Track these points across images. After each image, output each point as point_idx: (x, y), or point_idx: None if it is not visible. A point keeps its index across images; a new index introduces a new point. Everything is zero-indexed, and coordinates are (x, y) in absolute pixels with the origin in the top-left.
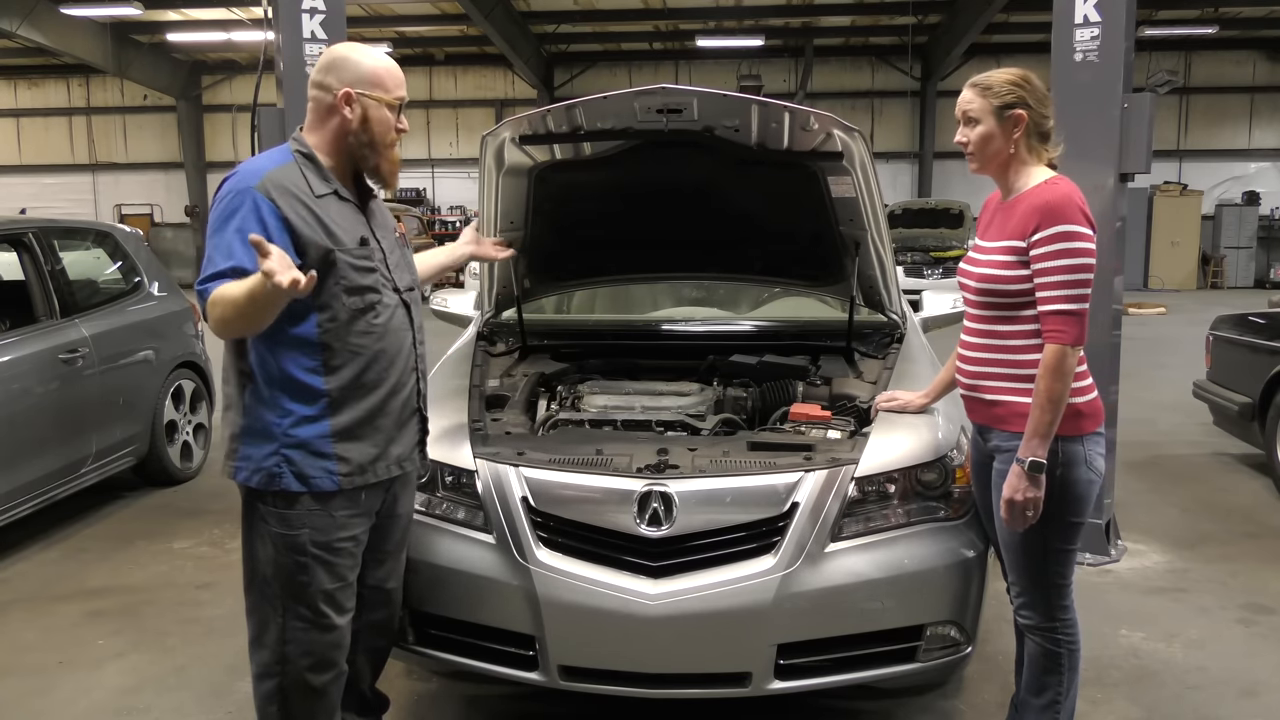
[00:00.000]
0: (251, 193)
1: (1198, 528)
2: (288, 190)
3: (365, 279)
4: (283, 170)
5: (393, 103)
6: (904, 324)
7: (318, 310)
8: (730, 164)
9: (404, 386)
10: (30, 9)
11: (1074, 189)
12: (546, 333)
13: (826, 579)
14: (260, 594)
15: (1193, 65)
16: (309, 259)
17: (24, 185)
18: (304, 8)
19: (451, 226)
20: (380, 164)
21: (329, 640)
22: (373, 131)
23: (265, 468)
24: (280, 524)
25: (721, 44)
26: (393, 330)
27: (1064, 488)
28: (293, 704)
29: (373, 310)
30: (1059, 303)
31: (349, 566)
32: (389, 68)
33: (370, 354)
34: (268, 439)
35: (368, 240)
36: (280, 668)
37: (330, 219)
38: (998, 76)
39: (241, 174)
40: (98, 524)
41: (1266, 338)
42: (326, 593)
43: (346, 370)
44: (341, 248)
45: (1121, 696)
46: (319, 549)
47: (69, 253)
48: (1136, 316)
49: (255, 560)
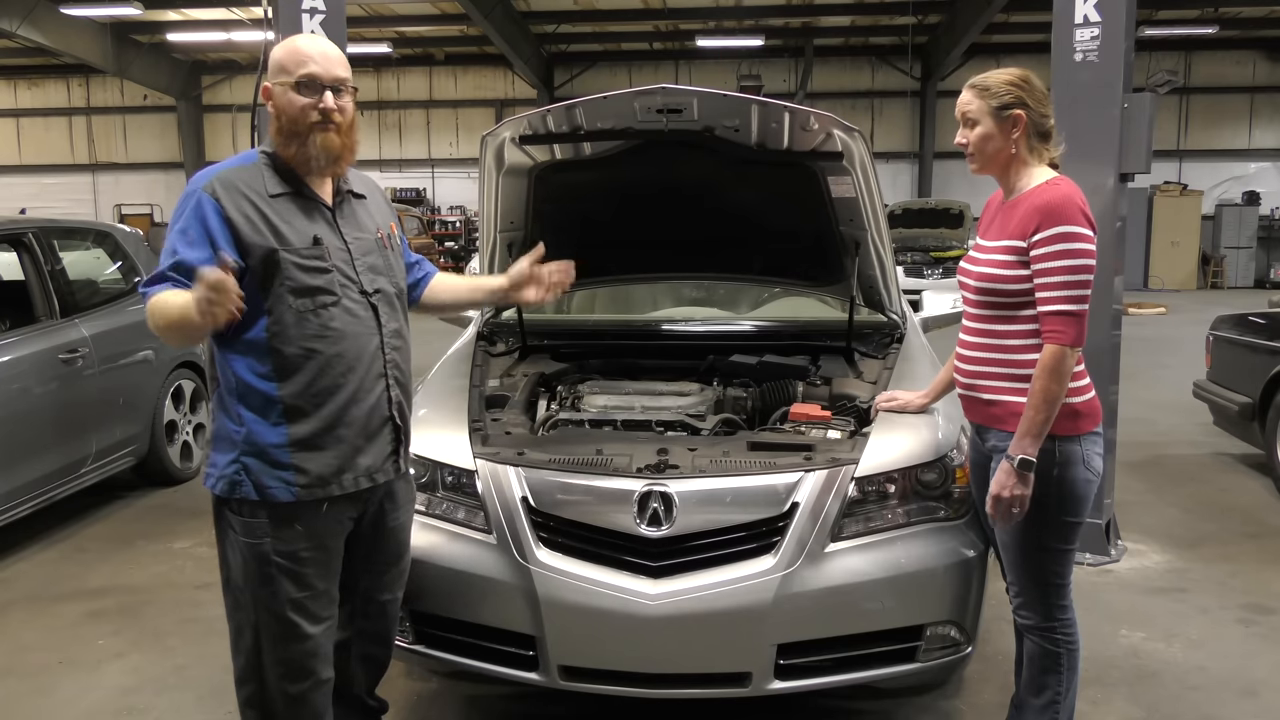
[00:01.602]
0: (198, 193)
1: (1198, 528)
2: (236, 189)
3: (315, 279)
4: (240, 170)
5: (297, 83)
6: (904, 324)
7: (265, 314)
8: (730, 164)
9: (368, 393)
10: (30, 9)
11: (1075, 189)
12: (546, 333)
13: (826, 579)
14: (234, 601)
15: (1193, 65)
16: (252, 258)
17: (24, 185)
18: (304, 8)
19: (451, 226)
20: (309, 150)
21: (303, 649)
22: (282, 119)
23: (227, 475)
24: (245, 532)
25: (721, 44)
26: (351, 334)
27: (1062, 487)
28: (272, 711)
29: (325, 312)
30: (1059, 303)
31: (318, 575)
32: (291, 47)
33: (323, 359)
34: (230, 446)
35: (320, 240)
36: (256, 674)
37: (280, 218)
38: (996, 77)
39: (198, 175)
40: (98, 524)
41: (1266, 338)
42: (295, 601)
43: (300, 376)
44: (287, 247)
45: (1121, 696)
46: (283, 559)
47: (69, 253)
48: (1136, 316)
49: (227, 568)
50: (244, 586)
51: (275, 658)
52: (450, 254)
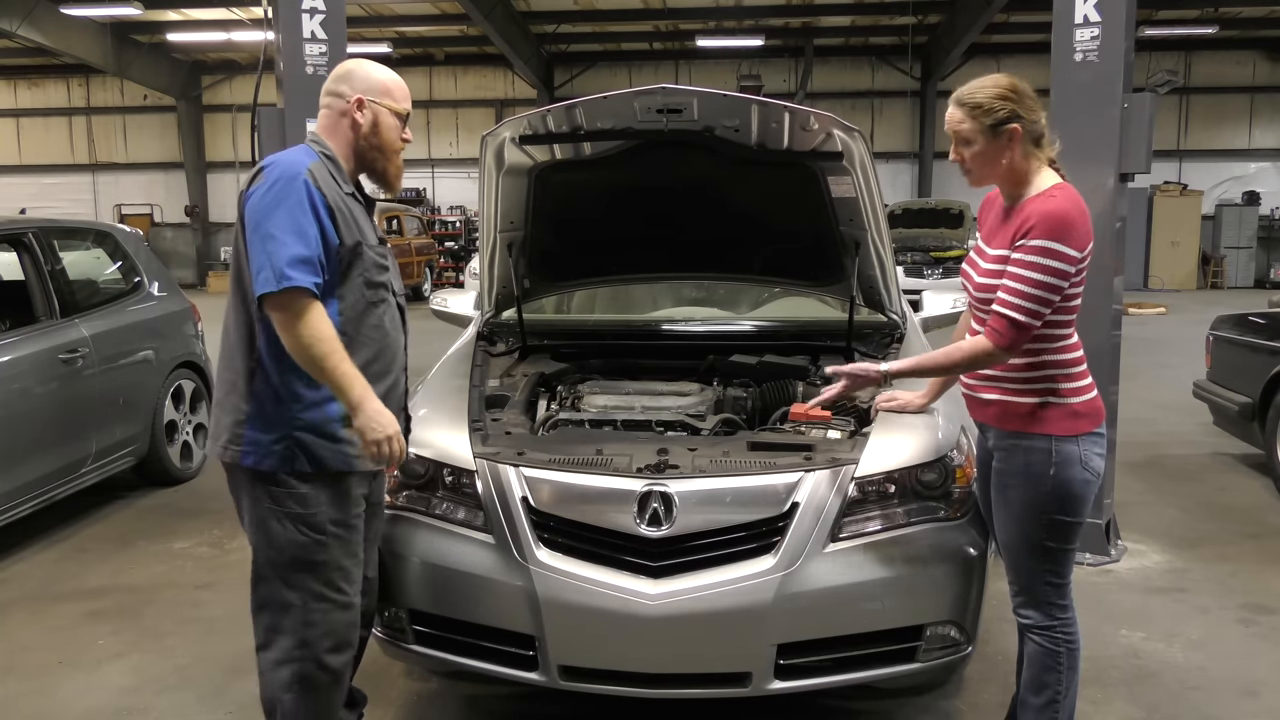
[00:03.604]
0: (303, 179)
1: (1198, 528)
2: (329, 179)
3: (381, 276)
4: (319, 165)
5: (400, 112)
6: (904, 324)
7: (338, 299)
8: (730, 164)
9: (399, 382)
10: (30, 9)
11: (1076, 202)
12: (546, 333)
13: (826, 579)
14: (278, 579)
15: (1193, 65)
16: (344, 247)
17: (24, 185)
18: (304, 8)
19: (451, 226)
20: (388, 168)
21: (348, 619)
22: (382, 136)
23: (276, 450)
24: (298, 503)
25: (721, 44)
26: (393, 330)
27: (1059, 488)
28: (311, 688)
29: (382, 306)
30: (1015, 310)
31: (359, 542)
32: (398, 82)
33: (378, 346)
34: (279, 423)
35: (385, 241)
36: (301, 652)
37: (356, 215)
38: (985, 93)
39: (285, 163)
40: (98, 524)
41: (1266, 338)
42: (343, 569)
43: (359, 357)
44: (368, 243)
45: (1121, 696)
46: (336, 526)
47: (69, 253)
48: (1136, 316)
49: (271, 544)
50: (292, 560)
51: (323, 630)
52: (450, 254)
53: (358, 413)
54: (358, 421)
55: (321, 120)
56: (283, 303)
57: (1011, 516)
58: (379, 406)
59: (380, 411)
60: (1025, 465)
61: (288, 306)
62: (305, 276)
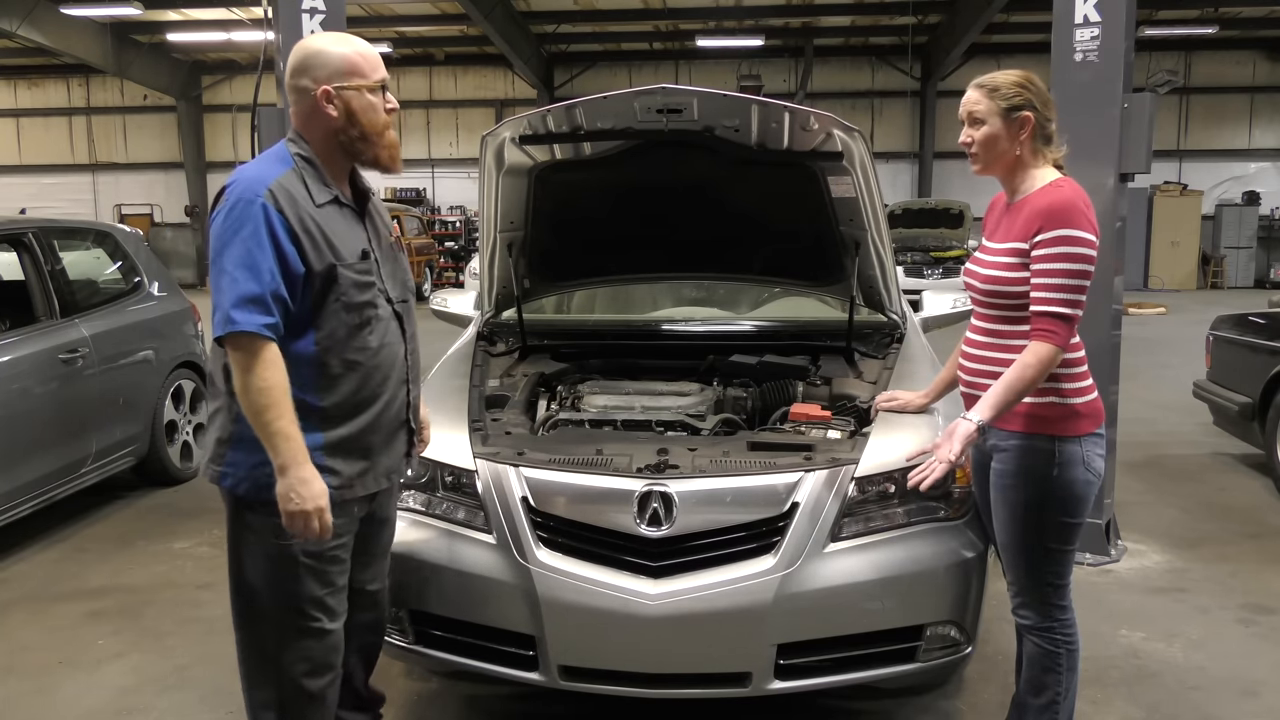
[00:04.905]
0: (260, 203)
1: (1198, 528)
2: (293, 200)
3: (363, 294)
4: (286, 178)
5: (373, 86)
6: (904, 324)
7: (315, 328)
8: (730, 164)
9: (395, 400)
10: (30, 9)
11: (1079, 192)
12: (546, 333)
13: (826, 579)
14: (250, 603)
15: (1193, 65)
16: (313, 274)
17: (24, 185)
18: (304, 8)
19: (451, 226)
20: (378, 153)
21: (325, 645)
22: (361, 123)
23: (253, 476)
24: (273, 533)
25: (721, 44)
26: (387, 345)
27: (1061, 488)
28: (290, 711)
29: (369, 326)
30: (1055, 304)
31: (339, 572)
32: (361, 51)
33: (365, 370)
34: (258, 448)
35: (369, 254)
36: (277, 676)
37: (332, 231)
38: (1004, 77)
39: (245, 181)
40: (98, 524)
41: (1266, 338)
42: (318, 599)
43: (343, 386)
44: (344, 262)
45: (1121, 696)
46: (310, 558)
47: (69, 253)
48: (1136, 316)
49: (243, 570)
50: (264, 587)
51: (297, 655)
52: (450, 254)
53: (282, 476)
54: (279, 487)
55: (293, 116)
56: (232, 344)
57: (1012, 517)
58: (307, 475)
59: (306, 481)
60: (1028, 466)
61: (236, 348)
62: (252, 318)
